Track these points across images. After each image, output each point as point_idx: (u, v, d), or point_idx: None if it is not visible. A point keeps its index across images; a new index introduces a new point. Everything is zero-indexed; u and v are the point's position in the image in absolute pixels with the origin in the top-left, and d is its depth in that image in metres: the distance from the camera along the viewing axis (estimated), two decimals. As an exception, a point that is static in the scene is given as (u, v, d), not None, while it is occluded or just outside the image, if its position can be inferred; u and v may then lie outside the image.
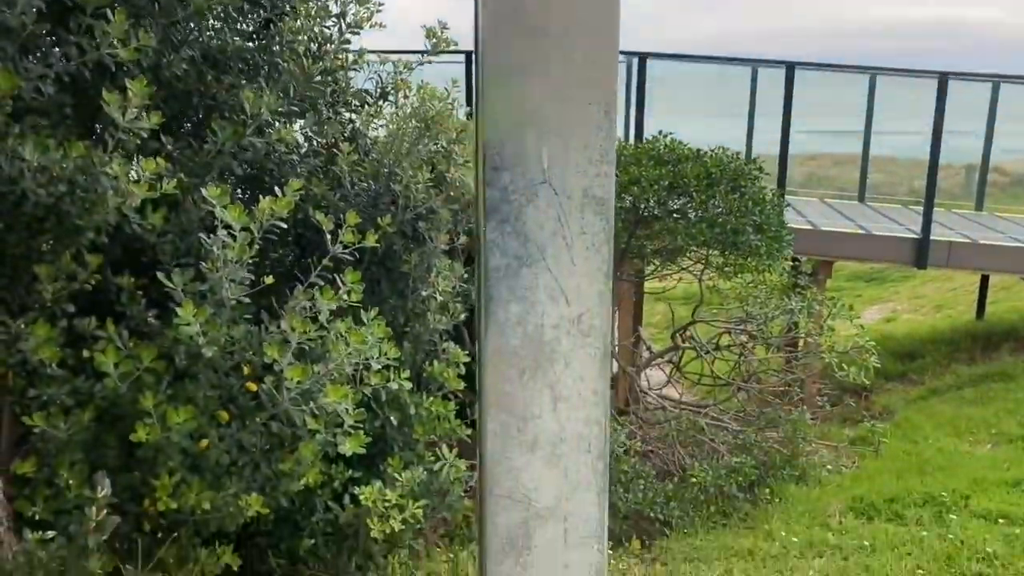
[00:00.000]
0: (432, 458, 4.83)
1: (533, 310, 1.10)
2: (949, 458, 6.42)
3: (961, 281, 12.97)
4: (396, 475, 4.23)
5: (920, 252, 8.40)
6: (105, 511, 2.92)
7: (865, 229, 8.92)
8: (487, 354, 1.09)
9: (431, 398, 4.75)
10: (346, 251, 3.59)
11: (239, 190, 4.23)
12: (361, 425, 3.62)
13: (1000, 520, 4.84)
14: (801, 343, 7.77)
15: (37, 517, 3.02)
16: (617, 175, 6.32)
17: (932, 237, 8.44)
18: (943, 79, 8.39)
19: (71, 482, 3.07)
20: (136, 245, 3.69)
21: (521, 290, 1.09)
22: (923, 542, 4.61)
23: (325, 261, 3.54)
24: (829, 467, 6.74)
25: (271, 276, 3.48)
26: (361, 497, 4.05)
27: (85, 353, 3.28)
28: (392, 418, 4.75)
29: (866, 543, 4.72)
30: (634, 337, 7.81)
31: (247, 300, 3.31)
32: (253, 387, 3.56)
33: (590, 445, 1.11)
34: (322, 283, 3.50)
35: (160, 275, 3.22)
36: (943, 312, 12.09)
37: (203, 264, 3.28)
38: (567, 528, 1.12)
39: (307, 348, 3.50)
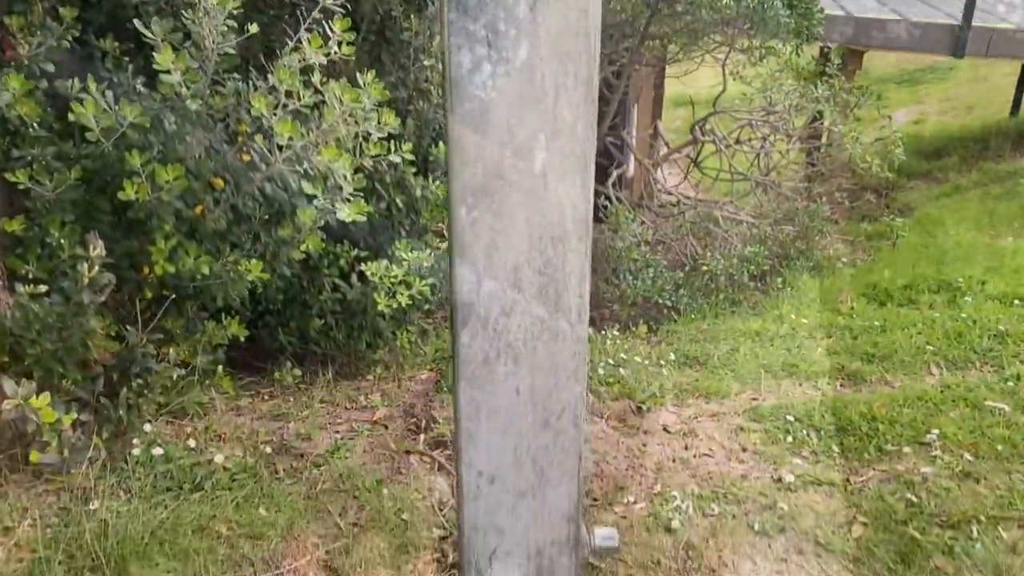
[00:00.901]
0: (439, 243, 4.75)
1: None
2: (968, 250, 6.31)
3: (997, 82, 12.37)
4: (403, 255, 4.18)
5: (959, 40, 7.88)
6: (98, 268, 2.86)
7: (900, 15, 8.35)
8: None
9: (437, 182, 4.62)
10: (336, 3, 3.32)
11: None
12: (360, 193, 3.50)
13: (1015, 302, 4.77)
14: (825, 136, 7.47)
15: (31, 276, 2.97)
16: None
17: (973, 24, 7.89)
18: None
19: (63, 242, 2.99)
20: (121, 14, 3.47)
21: None
22: (934, 322, 4.57)
23: (315, 13, 3.29)
24: (844, 259, 6.66)
25: (256, 26, 3.23)
26: (368, 273, 4.01)
27: (70, 117, 3.13)
28: (398, 200, 4.64)
29: (876, 324, 4.69)
30: (652, 129, 7.53)
31: (232, 51, 3.09)
32: (248, 158, 3.43)
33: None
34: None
35: (138, 23, 2.99)
36: (975, 113, 11.60)
37: (184, 14, 3.05)
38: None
39: (301, 113, 3.33)
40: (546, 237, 1.01)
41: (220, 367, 3.70)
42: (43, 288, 2.84)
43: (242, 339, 3.72)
